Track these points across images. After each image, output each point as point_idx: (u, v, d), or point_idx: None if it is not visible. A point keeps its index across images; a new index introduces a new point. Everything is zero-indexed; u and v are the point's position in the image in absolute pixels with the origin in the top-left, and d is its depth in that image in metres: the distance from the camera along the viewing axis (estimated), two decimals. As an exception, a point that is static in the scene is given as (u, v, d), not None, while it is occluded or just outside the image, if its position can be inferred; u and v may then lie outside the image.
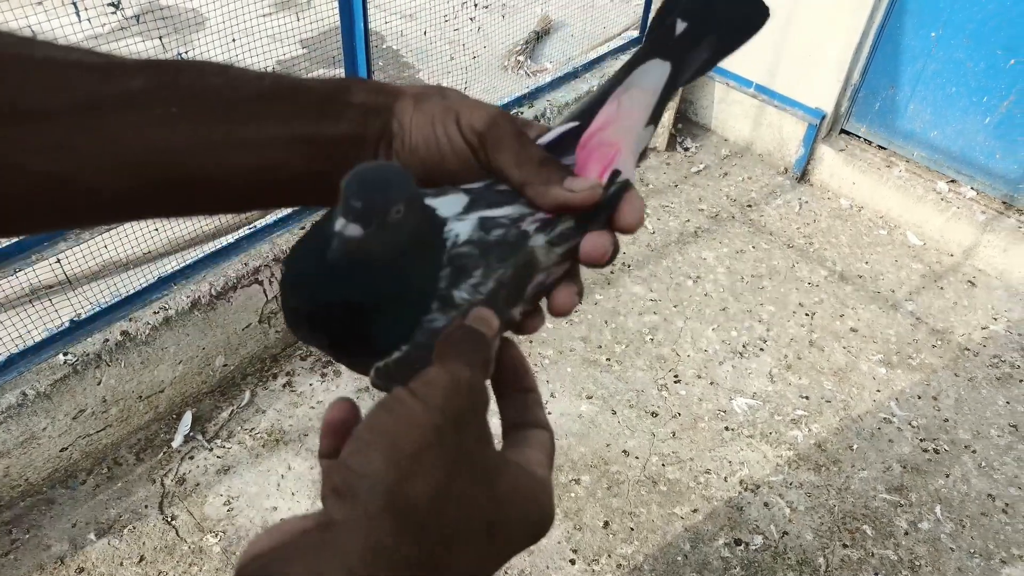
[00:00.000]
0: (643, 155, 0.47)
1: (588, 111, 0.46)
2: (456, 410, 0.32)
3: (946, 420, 2.30)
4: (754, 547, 1.95)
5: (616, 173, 0.43)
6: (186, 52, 2.10)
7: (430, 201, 0.41)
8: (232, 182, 0.43)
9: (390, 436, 0.31)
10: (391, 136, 0.44)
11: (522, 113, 2.77)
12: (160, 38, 1.83)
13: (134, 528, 1.88)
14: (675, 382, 2.34)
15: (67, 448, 1.92)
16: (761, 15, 0.46)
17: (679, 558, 1.92)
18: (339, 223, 0.33)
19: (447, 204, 0.41)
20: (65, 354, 1.83)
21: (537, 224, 0.42)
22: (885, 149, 3.04)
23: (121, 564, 1.81)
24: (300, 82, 0.44)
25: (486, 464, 0.33)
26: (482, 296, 0.39)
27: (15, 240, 1.83)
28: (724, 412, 2.26)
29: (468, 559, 0.33)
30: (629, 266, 2.73)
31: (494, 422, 0.37)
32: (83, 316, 1.87)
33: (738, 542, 1.96)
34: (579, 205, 0.41)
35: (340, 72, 2.46)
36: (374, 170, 0.35)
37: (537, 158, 0.42)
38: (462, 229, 0.40)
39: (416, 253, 0.37)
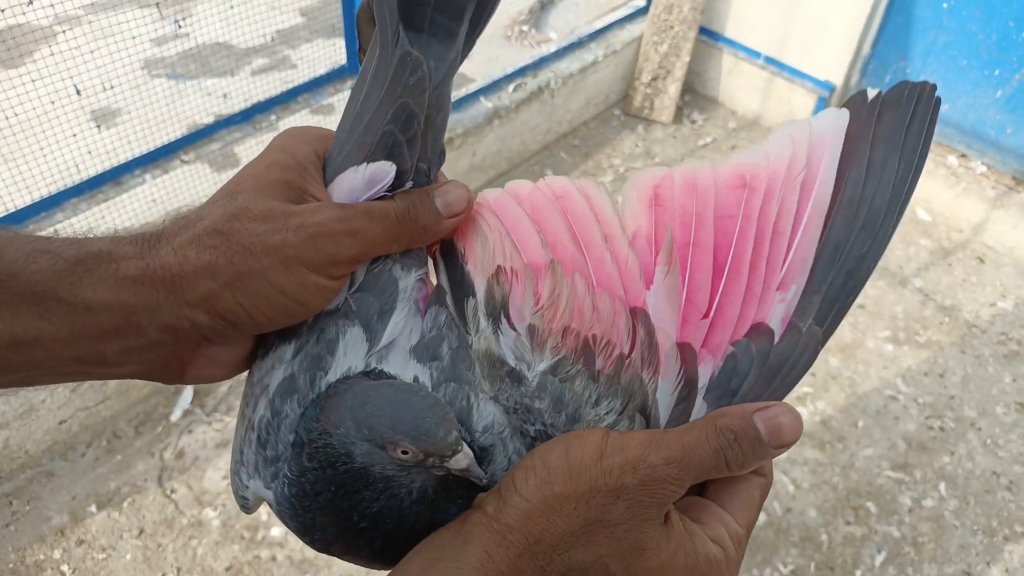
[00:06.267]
0: None
1: (376, 144, 0.43)
2: (618, 484, 0.33)
3: (952, 397, 2.28)
4: (757, 524, 1.94)
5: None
6: (184, 20, 2.06)
7: (335, 366, 0.41)
8: None
9: (551, 472, 0.34)
10: (199, 329, 0.38)
11: (525, 84, 2.72)
12: (157, 4, 1.79)
13: (134, 501, 1.87)
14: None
15: (66, 421, 1.91)
16: None
17: (681, 534, 1.91)
18: (462, 461, 0.35)
19: (349, 353, 0.41)
20: (62, 326, 1.81)
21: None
22: (895, 123, 2.99)
23: (121, 537, 1.80)
24: (14, 264, 0.35)
25: (634, 539, 0.34)
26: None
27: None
28: (728, 388, 2.24)
29: None
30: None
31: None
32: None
33: (741, 518, 1.95)
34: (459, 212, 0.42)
35: (340, 44, 2.40)
36: (428, 413, 0.36)
37: (395, 217, 0.41)
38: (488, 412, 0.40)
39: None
